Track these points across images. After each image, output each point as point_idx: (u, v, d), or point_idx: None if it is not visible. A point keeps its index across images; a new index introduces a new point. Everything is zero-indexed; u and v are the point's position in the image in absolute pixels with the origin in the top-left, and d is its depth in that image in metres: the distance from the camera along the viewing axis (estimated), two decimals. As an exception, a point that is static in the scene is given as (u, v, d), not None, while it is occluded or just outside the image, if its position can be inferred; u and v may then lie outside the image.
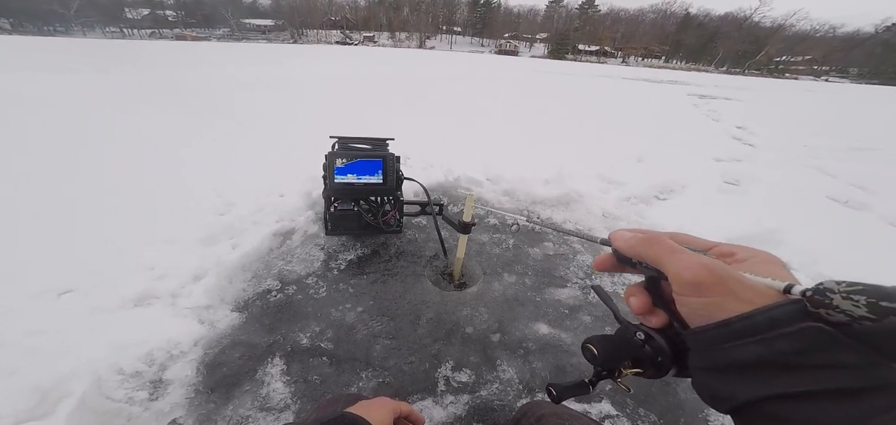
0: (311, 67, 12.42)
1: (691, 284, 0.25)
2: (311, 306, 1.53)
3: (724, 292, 0.23)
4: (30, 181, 2.48)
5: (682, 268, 0.25)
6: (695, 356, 0.26)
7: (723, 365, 0.23)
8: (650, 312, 0.31)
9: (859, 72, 77.36)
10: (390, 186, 1.81)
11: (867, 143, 5.61)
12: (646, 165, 3.69)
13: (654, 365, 0.30)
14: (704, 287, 0.24)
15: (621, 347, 0.32)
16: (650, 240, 0.29)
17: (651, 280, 0.31)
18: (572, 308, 1.60)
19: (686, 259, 0.26)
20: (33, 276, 1.54)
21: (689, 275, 0.25)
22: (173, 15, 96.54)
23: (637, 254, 0.30)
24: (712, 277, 0.24)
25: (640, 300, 0.31)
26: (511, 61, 33.00)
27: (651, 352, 0.30)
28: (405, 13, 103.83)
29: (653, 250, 0.28)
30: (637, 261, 0.30)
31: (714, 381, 0.24)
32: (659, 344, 0.30)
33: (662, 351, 0.30)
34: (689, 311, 0.26)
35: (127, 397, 1.11)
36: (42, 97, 5.19)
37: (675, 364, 0.29)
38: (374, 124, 4.73)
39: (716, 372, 0.24)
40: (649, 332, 0.31)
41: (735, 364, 0.22)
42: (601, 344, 0.33)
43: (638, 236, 0.31)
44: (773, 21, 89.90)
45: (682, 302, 0.26)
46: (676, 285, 0.26)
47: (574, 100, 8.58)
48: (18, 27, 74.09)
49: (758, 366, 0.21)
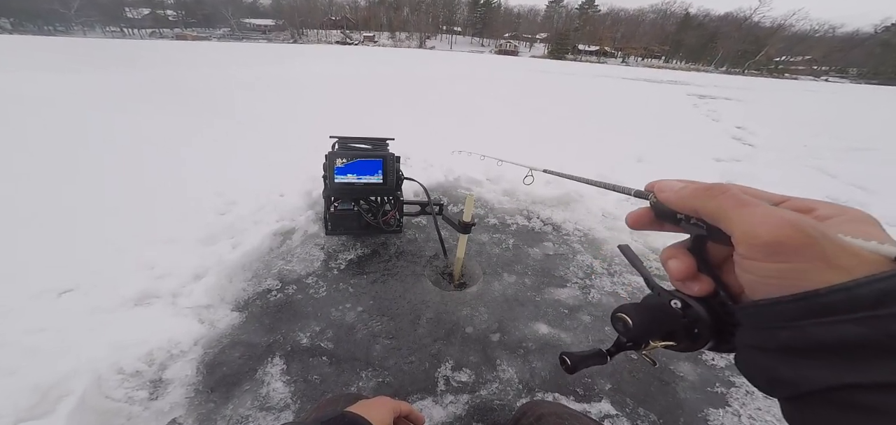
0: (311, 67, 12.43)
1: (769, 245, 0.20)
2: (311, 306, 1.53)
3: (814, 257, 0.19)
4: (30, 181, 2.48)
5: (758, 223, 0.20)
6: (751, 333, 0.22)
7: (797, 346, 0.19)
8: (694, 278, 0.27)
9: (859, 72, 77.43)
10: (390, 186, 1.81)
11: (867, 143, 5.61)
12: (646, 165, 3.70)
13: (690, 336, 0.27)
14: (788, 249, 0.19)
15: (658, 318, 0.28)
16: (712, 191, 0.24)
17: (698, 240, 0.27)
18: (572, 308, 1.60)
19: (761, 212, 0.21)
20: (33, 276, 1.54)
21: (768, 233, 0.20)
22: (174, 15, 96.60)
23: (691, 208, 0.25)
24: (801, 237, 0.19)
25: (684, 263, 0.27)
26: (511, 61, 33.02)
27: (687, 323, 0.27)
28: (405, 13, 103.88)
29: (714, 202, 0.23)
30: (685, 217, 0.26)
31: (778, 363, 0.20)
32: (698, 313, 0.26)
33: (701, 322, 0.26)
34: (757, 278, 0.21)
35: (127, 396, 1.11)
36: (42, 97, 5.19)
37: (714, 337, 0.26)
38: (374, 124, 4.73)
39: (783, 352, 0.20)
40: (687, 301, 0.27)
41: (816, 344, 0.18)
42: (636, 314, 0.29)
43: (692, 185, 0.26)
44: (773, 21, 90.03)
45: (748, 267, 0.21)
46: (746, 246, 0.21)
47: (574, 100, 8.58)
48: (19, 26, 74.16)
49: (852, 349, 0.17)
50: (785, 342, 0.20)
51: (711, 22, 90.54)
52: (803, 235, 0.19)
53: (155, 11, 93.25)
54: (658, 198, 0.28)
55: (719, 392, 1.25)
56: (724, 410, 1.19)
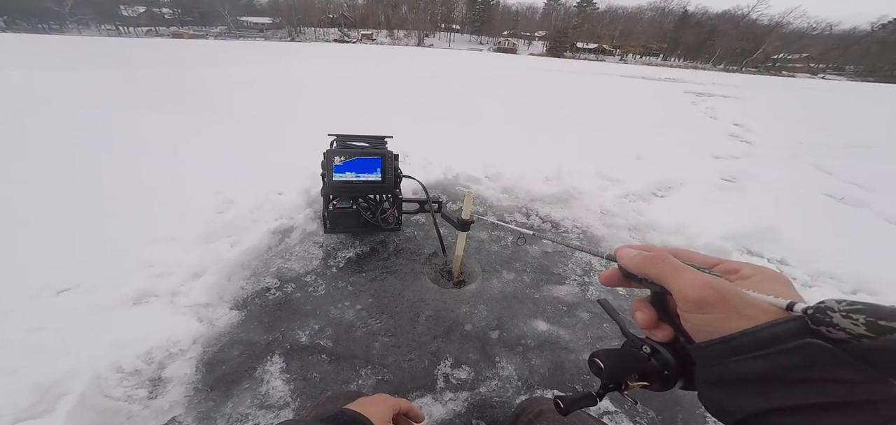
0: (309, 65, 12.37)
1: (695, 301, 0.25)
2: (310, 304, 1.53)
3: (727, 309, 0.24)
4: (28, 180, 2.47)
5: (686, 285, 0.26)
6: (700, 370, 0.27)
7: (728, 379, 0.24)
8: (656, 326, 0.32)
9: (855, 69, 77.66)
10: (389, 184, 1.81)
11: (864, 141, 5.64)
12: (644, 163, 3.70)
13: (661, 378, 0.31)
14: (708, 304, 0.25)
15: (627, 361, 0.33)
16: (654, 259, 0.30)
17: (657, 295, 0.32)
18: (570, 305, 1.61)
19: (689, 277, 0.26)
20: (32, 275, 1.53)
21: (693, 293, 0.25)
22: (170, 12, 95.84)
23: (642, 272, 0.31)
24: (715, 295, 0.24)
25: (646, 315, 0.32)
26: (510, 59, 32.97)
27: (657, 366, 0.31)
28: (403, 11, 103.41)
29: (656, 269, 0.29)
30: (643, 278, 0.31)
31: (720, 395, 0.25)
32: (665, 357, 0.30)
33: (668, 365, 0.30)
34: (694, 327, 0.27)
35: (126, 395, 1.11)
36: (39, 95, 5.15)
37: (681, 376, 0.30)
38: (372, 122, 4.72)
39: (721, 385, 0.24)
40: (655, 346, 0.31)
41: (739, 377, 0.23)
42: (608, 358, 0.33)
43: (642, 254, 0.31)
44: (771, 19, 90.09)
45: (686, 318, 0.27)
46: (681, 302, 0.27)
47: (573, 98, 8.58)
48: (12, 24, 73.45)
49: (761, 380, 0.22)
50: (719, 375, 0.24)
51: (709, 20, 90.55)
52: (717, 293, 0.24)
53: (151, 9, 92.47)
54: (619, 263, 0.33)
55: (717, 387, 1.25)
56: (722, 405, 1.20)
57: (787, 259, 2.10)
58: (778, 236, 2.27)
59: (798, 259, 2.08)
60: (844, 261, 2.03)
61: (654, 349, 0.31)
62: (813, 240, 2.28)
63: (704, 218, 2.49)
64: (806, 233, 2.36)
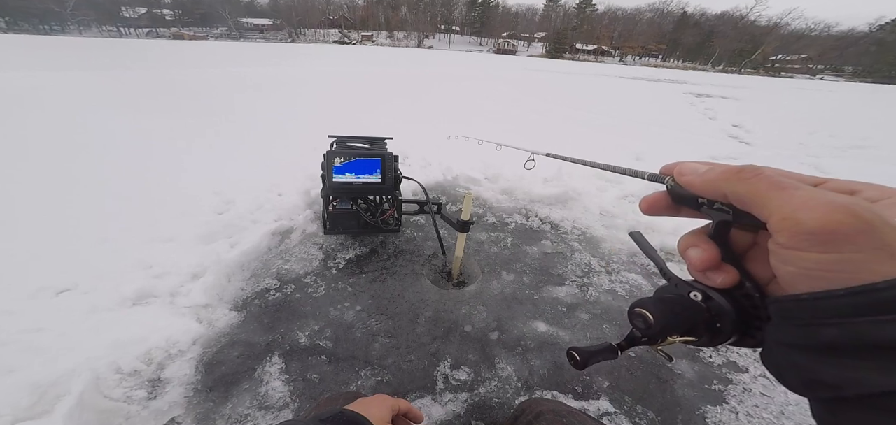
0: (309, 66, 12.39)
1: (817, 233, 0.17)
2: (310, 305, 1.53)
3: (872, 246, 0.16)
4: (28, 180, 2.47)
5: (803, 208, 0.18)
6: (785, 329, 0.20)
7: (848, 344, 0.17)
8: (718, 268, 0.25)
9: (854, 70, 77.89)
10: (389, 185, 1.82)
11: (862, 142, 5.65)
12: (643, 164, 3.71)
13: (712, 330, 0.25)
14: (840, 237, 0.17)
15: (680, 312, 0.26)
16: (743, 173, 0.22)
17: (721, 226, 0.25)
18: (570, 306, 1.61)
19: (806, 196, 0.18)
20: (31, 275, 1.53)
21: (816, 220, 0.17)
22: (170, 14, 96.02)
23: (719, 193, 0.23)
24: (857, 223, 0.17)
25: (706, 252, 0.25)
26: (509, 60, 33.03)
27: (709, 316, 0.25)
28: (403, 12, 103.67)
29: (746, 185, 0.21)
30: (708, 202, 0.24)
31: (819, 363, 0.18)
32: (721, 306, 0.24)
33: (724, 316, 0.24)
34: (798, 270, 0.19)
35: (125, 396, 1.11)
36: (39, 96, 5.15)
37: (738, 331, 0.24)
38: (372, 123, 4.73)
39: (827, 351, 0.18)
40: (708, 292, 0.25)
41: (873, 344, 0.16)
42: (657, 309, 0.26)
43: (720, 167, 0.23)
44: (769, 20, 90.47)
45: (789, 257, 0.19)
46: (788, 235, 0.19)
47: (572, 99, 8.60)
48: (14, 25, 73.56)
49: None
50: (831, 340, 0.17)
51: (708, 21, 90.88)
52: (860, 221, 0.16)
53: (151, 11, 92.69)
54: (678, 181, 0.25)
55: (717, 389, 1.25)
56: (722, 407, 1.20)
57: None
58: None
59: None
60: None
61: (707, 296, 0.25)
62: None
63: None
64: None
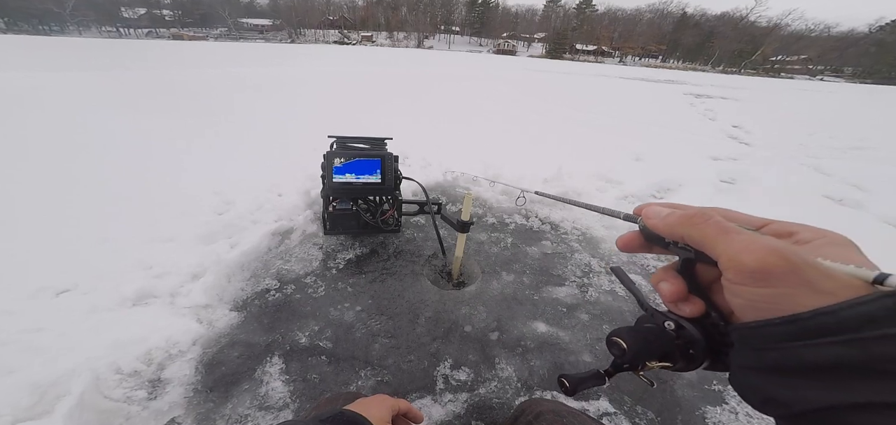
0: (308, 66, 12.40)
1: (754, 272, 0.20)
2: (310, 305, 1.53)
3: (797, 282, 0.19)
4: (28, 180, 2.47)
5: (741, 250, 0.21)
6: (744, 353, 0.23)
7: (788, 366, 0.20)
8: (685, 300, 0.27)
9: (853, 71, 77.94)
10: (389, 185, 1.82)
11: (862, 142, 5.65)
12: (643, 164, 3.71)
13: (685, 357, 0.27)
14: (772, 275, 0.20)
15: (653, 340, 0.29)
16: (694, 219, 0.25)
17: (686, 262, 0.28)
18: (570, 306, 1.61)
19: (746, 241, 0.21)
20: (32, 275, 1.53)
21: (752, 261, 0.21)
22: (170, 14, 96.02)
23: (677, 235, 0.26)
24: (784, 264, 0.20)
25: (674, 285, 0.28)
26: (509, 61, 33.05)
27: (682, 344, 0.27)
28: (403, 13, 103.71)
29: (698, 230, 0.24)
30: (673, 242, 0.27)
31: (771, 383, 0.21)
32: (692, 335, 0.27)
33: (695, 343, 0.26)
34: (744, 302, 0.22)
35: (125, 396, 1.11)
36: (39, 96, 5.15)
37: (708, 356, 0.26)
38: (372, 124, 4.73)
39: (776, 373, 0.20)
40: (681, 322, 0.27)
41: (807, 365, 0.19)
42: (631, 338, 0.29)
43: (678, 214, 0.26)
44: (769, 20, 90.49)
45: (736, 291, 0.22)
46: (732, 272, 0.22)
47: (572, 99, 8.60)
48: (13, 26, 73.53)
49: (840, 370, 0.18)
50: (775, 362, 0.20)
51: (708, 21, 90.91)
52: (786, 262, 0.20)
53: (151, 11, 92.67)
54: (645, 224, 0.28)
55: (716, 389, 1.26)
56: (722, 408, 1.20)
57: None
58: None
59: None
60: (843, 263, 2.03)
61: (679, 325, 0.27)
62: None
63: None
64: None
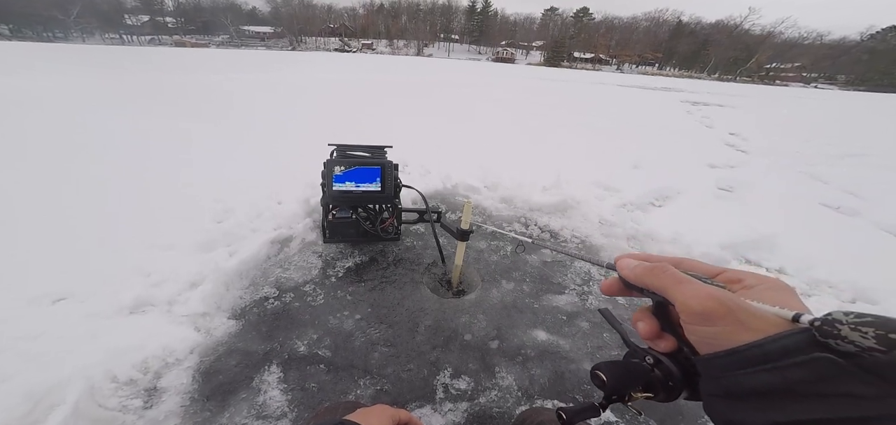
0: (308, 74, 12.48)
1: (699, 314, 0.25)
2: (309, 314, 1.52)
3: (732, 321, 0.24)
4: (27, 186, 2.46)
5: (689, 298, 0.26)
6: (706, 382, 0.26)
7: (735, 392, 0.23)
8: (659, 337, 0.32)
9: (847, 78, 78.84)
10: (388, 194, 1.82)
11: (858, 150, 5.70)
12: (641, 172, 3.73)
13: (665, 388, 0.30)
14: (712, 317, 0.24)
15: (630, 373, 0.32)
16: (655, 271, 0.30)
17: (659, 305, 0.32)
18: (570, 314, 1.60)
19: (692, 289, 0.26)
20: (29, 282, 1.52)
21: (697, 305, 0.25)
22: (173, 21, 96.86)
23: (643, 284, 0.30)
24: (720, 307, 0.24)
25: (649, 325, 0.32)
26: (508, 68, 33.37)
27: (661, 376, 0.31)
28: (403, 21, 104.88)
29: (658, 280, 0.29)
30: (643, 288, 0.31)
31: (726, 408, 0.24)
32: (668, 368, 0.30)
33: (672, 376, 0.30)
34: (699, 339, 0.26)
35: (121, 405, 1.10)
36: (38, 102, 5.17)
37: (685, 387, 0.30)
38: (372, 132, 4.75)
39: (728, 398, 0.24)
40: (658, 357, 0.31)
41: (747, 391, 0.23)
42: (610, 371, 0.32)
43: (642, 265, 0.31)
44: (763, 29, 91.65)
45: (690, 330, 0.27)
46: (684, 315, 0.27)
47: (571, 107, 8.67)
48: (18, 33, 73.99)
49: (770, 394, 0.21)
50: (726, 388, 0.24)
51: (703, 29, 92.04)
52: (722, 306, 0.24)
53: (154, 18, 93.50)
54: (619, 273, 0.33)
55: (717, 397, 1.25)
56: (722, 416, 1.19)
57: (785, 268, 2.11)
58: (775, 245, 2.28)
59: (795, 267, 2.08)
60: (842, 270, 2.03)
61: (658, 359, 0.31)
62: (810, 248, 2.29)
63: (702, 227, 2.51)
64: (803, 242, 2.37)
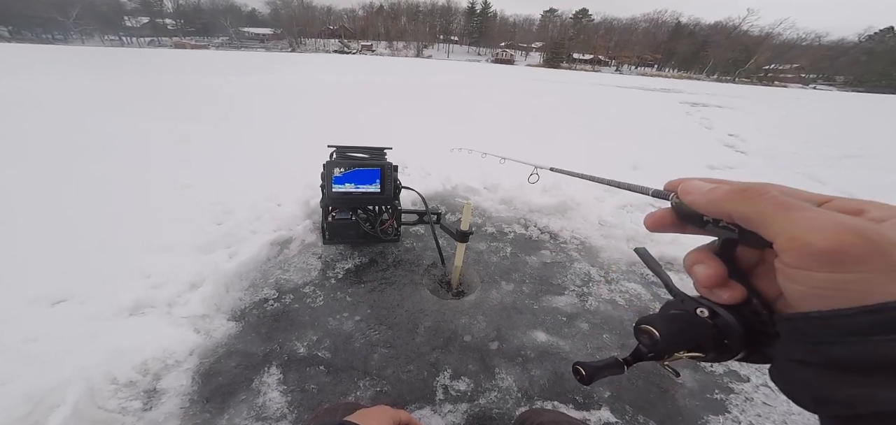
0: (308, 75, 12.50)
1: (826, 253, 0.18)
2: (309, 315, 1.52)
3: (881, 266, 0.17)
4: (27, 186, 2.46)
5: (809, 229, 0.18)
6: (794, 346, 0.20)
7: (854, 364, 0.17)
8: (724, 285, 0.25)
9: (845, 79, 79.10)
10: (388, 195, 1.82)
11: (856, 150, 5.72)
12: (641, 173, 3.74)
13: (719, 347, 0.25)
14: (849, 257, 0.17)
15: (686, 329, 0.26)
16: (747, 192, 0.22)
17: (727, 243, 0.25)
18: (570, 315, 1.60)
19: (814, 218, 0.19)
20: (28, 283, 1.52)
21: (825, 241, 0.18)
22: (172, 23, 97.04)
23: (722, 212, 0.23)
24: (865, 244, 0.17)
25: (713, 269, 0.25)
26: (508, 70, 33.46)
27: (716, 333, 0.25)
28: (403, 22, 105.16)
29: (751, 205, 0.21)
30: (714, 221, 0.24)
31: (828, 381, 0.18)
32: (728, 322, 0.24)
33: (732, 332, 0.24)
34: (806, 290, 0.19)
35: (120, 407, 1.10)
36: (37, 105, 5.17)
37: (745, 347, 0.24)
38: (372, 133, 4.76)
39: (837, 369, 0.18)
40: (715, 308, 0.25)
41: (877, 363, 0.17)
42: (664, 326, 0.26)
43: (724, 187, 0.23)
44: (761, 30, 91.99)
45: (796, 277, 0.19)
46: (795, 255, 0.19)
47: (570, 109, 8.69)
48: (17, 35, 74.05)
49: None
50: (843, 358, 0.18)
51: (702, 31, 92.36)
52: (870, 242, 0.17)
53: (154, 20, 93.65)
54: (683, 200, 0.26)
55: (718, 398, 1.25)
56: (724, 417, 1.19)
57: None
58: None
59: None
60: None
61: (713, 311, 0.25)
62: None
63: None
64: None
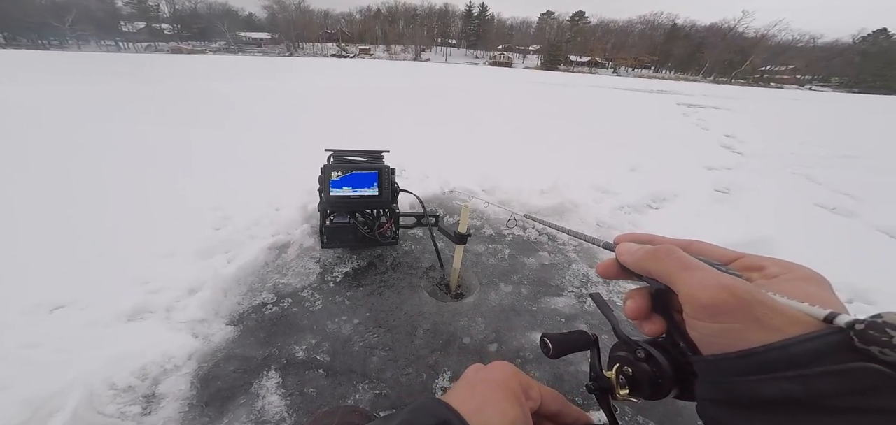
0: (306, 80, 12.52)
1: (707, 307, 0.21)
2: (307, 319, 1.52)
3: (746, 318, 0.20)
4: (27, 193, 2.46)
5: (696, 287, 0.22)
6: (705, 385, 0.23)
7: (742, 400, 0.20)
8: (646, 318, 0.28)
9: (841, 81, 79.75)
10: (386, 198, 1.83)
11: (852, 151, 5.76)
12: (638, 174, 3.76)
13: (653, 385, 0.28)
14: (724, 311, 0.20)
15: (571, 343, 0.33)
16: (657, 254, 0.26)
17: (659, 293, 0.28)
18: (568, 316, 1.61)
19: (701, 277, 0.22)
20: (28, 289, 1.52)
21: (706, 297, 0.21)
22: (169, 28, 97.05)
23: (643, 270, 0.27)
24: (733, 300, 0.20)
25: (638, 304, 0.28)
26: (506, 72, 33.59)
27: (650, 372, 0.28)
28: (400, 26, 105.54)
29: (661, 265, 0.25)
30: (644, 276, 0.28)
31: (729, 416, 0.21)
32: (660, 363, 0.27)
33: (662, 372, 0.27)
34: (703, 337, 0.22)
35: (119, 412, 1.10)
36: (36, 110, 5.16)
37: (676, 385, 0.27)
38: (370, 137, 4.77)
39: (732, 406, 0.21)
40: (651, 352, 0.28)
41: (759, 400, 0.19)
42: (555, 338, 0.33)
43: (644, 249, 0.27)
44: (756, 32, 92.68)
45: (694, 326, 0.23)
46: (689, 307, 0.22)
47: (568, 110, 8.73)
48: (12, 41, 73.86)
49: (788, 405, 0.18)
50: (732, 395, 0.21)
51: (697, 32, 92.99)
52: (736, 298, 0.20)
53: (150, 25, 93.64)
54: (618, 260, 0.30)
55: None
56: (720, 416, 1.20)
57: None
58: (772, 247, 2.30)
59: (791, 268, 2.10)
60: (839, 271, 2.05)
61: (650, 354, 0.28)
62: (807, 250, 2.32)
63: (699, 229, 2.53)
64: (799, 244, 2.40)
